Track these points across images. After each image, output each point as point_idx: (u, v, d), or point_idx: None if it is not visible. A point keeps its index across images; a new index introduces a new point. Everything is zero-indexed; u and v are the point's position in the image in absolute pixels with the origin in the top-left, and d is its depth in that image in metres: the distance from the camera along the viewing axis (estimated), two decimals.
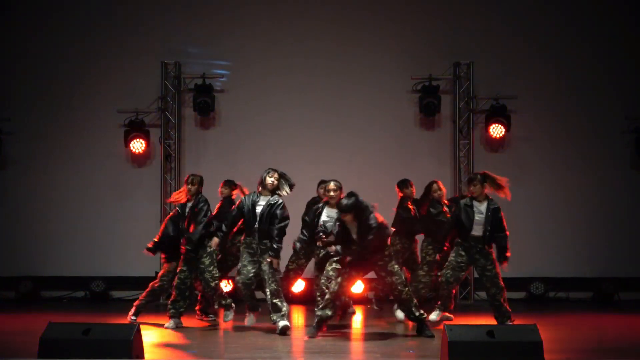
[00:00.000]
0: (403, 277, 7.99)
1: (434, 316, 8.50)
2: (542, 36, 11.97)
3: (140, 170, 11.88)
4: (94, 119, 11.86)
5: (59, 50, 11.96)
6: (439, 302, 8.59)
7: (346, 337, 8.08)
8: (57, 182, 11.86)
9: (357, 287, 10.55)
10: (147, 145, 11.56)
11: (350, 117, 11.89)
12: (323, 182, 9.20)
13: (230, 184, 9.95)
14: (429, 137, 11.88)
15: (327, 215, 8.38)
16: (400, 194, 9.75)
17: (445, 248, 8.66)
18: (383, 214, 8.04)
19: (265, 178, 8.29)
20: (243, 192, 9.05)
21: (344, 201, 7.72)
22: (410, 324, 8.37)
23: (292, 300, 10.42)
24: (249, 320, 8.60)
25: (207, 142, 11.93)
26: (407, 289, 7.96)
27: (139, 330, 6.43)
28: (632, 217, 11.83)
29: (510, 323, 8.27)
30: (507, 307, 8.43)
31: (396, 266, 7.93)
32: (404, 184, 9.76)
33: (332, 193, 8.38)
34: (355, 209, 7.67)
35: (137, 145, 11.49)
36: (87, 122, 11.87)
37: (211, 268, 8.59)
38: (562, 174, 11.88)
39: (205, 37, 11.97)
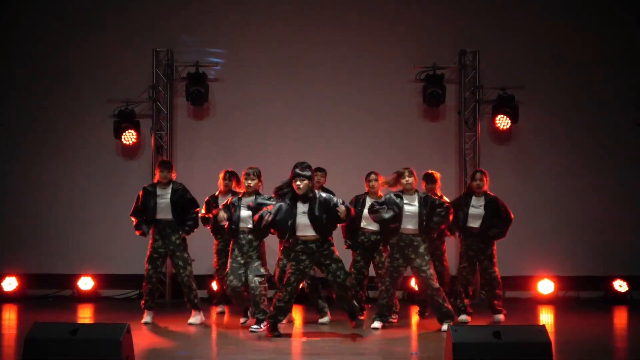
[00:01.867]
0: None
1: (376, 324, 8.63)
2: (552, 23, 11.92)
3: (130, 163, 11.85)
4: (82, 109, 11.83)
5: (46, 38, 11.91)
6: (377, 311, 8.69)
7: (346, 338, 8.06)
8: (44, 175, 11.83)
9: None
10: (138, 136, 11.54)
11: (351, 107, 11.87)
12: (319, 170, 9.53)
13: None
14: (433, 129, 11.86)
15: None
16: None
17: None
18: None
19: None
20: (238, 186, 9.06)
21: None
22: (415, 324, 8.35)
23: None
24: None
25: (200, 134, 11.90)
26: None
27: (128, 331, 6.40)
28: None
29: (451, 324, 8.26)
30: (449, 307, 8.48)
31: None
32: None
33: (374, 182, 8.95)
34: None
35: (128, 137, 11.47)
36: (75, 112, 11.85)
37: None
38: (571, 167, 11.85)
39: (199, 24, 11.92)
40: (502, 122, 11.50)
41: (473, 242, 9.18)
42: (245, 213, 8.48)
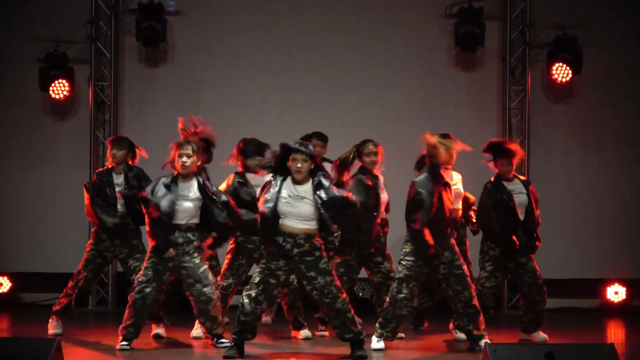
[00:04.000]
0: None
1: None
2: None
3: (61, 124, 11.89)
4: None
5: None
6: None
7: None
8: None
9: None
10: (71, 88, 11.59)
11: (356, 50, 11.88)
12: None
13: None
14: (468, 80, 11.91)
15: None
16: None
17: None
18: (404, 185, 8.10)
19: None
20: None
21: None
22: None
23: None
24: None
25: (154, 84, 11.94)
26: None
27: (59, 348, 6.47)
28: None
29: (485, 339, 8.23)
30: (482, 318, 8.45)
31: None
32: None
33: (373, 157, 9.02)
34: None
35: (58, 89, 11.51)
36: None
37: None
38: None
39: None
40: (561, 72, 11.53)
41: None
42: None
